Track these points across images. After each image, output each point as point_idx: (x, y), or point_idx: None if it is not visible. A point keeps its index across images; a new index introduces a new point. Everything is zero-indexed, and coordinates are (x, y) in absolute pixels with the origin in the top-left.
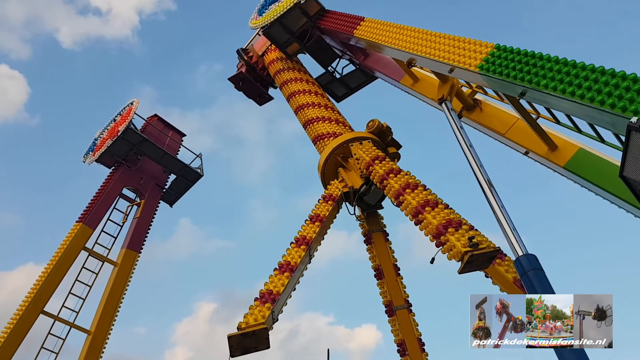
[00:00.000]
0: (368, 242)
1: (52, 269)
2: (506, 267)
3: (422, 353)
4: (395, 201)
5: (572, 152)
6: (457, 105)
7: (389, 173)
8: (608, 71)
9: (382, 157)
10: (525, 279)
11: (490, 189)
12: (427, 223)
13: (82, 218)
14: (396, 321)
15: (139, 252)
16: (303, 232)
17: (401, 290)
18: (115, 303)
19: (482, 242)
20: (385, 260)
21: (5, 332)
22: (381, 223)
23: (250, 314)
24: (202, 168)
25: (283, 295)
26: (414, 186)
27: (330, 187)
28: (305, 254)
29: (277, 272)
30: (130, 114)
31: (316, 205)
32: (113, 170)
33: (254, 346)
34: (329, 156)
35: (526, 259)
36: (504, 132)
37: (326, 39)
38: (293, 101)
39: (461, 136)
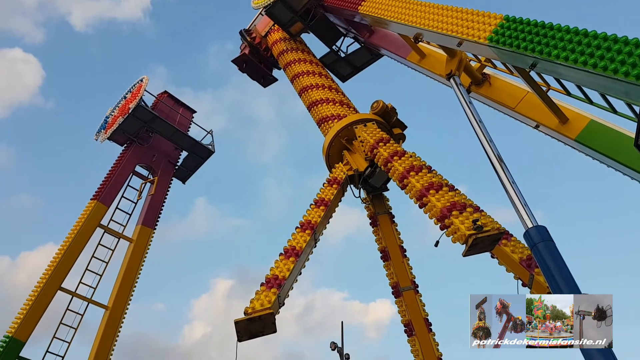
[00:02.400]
0: (374, 225)
1: (69, 246)
2: (512, 248)
3: (429, 333)
4: (400, 184)
5: (583, 124)
6: (466, 81)
7: (394, 155)
8: (621, 39)
9: (386, 140)
10: (535, 251)
11: (500, 164)
12: (432, 206)
13: (97, 195)
14: (403, 302)
15: (153, 229)
16: (308, 217)
17: (407, 272)
18: (132, 279)
19: (487, 224)
20: (392, 242)
21: (24, 308)
22: (387, 205)
23: (257, 299)
24: (213, 145)
25: (289, 280)
26: (419, 169)
27: (335, 170)
28: (310, 238)
29: (283, 257)
30: (141, 91)
31: (321, 189)
32: (125, 147)
33: (261, 331)
34: (333, 139)
35: (536, 231)
36: (514, 106)
37: (330, 17)
38: (297, 83)
39: (470, 112)
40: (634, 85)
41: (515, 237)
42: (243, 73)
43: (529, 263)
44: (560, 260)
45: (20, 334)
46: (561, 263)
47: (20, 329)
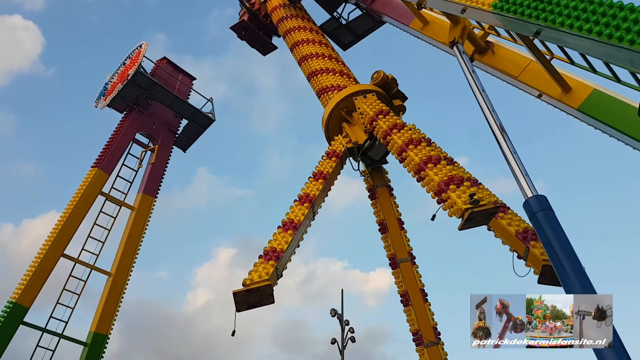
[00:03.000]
0: (372, 197)
1: (70, 213)
2: (508, 221)
3: (425, 303)
4: (399, 157)
5: (586, 93)
6: (469, 49)
7: (393, 128)
8: (627, 6)
9: (386, 112)
10: (534, 221)
11: (502, 134)
12: (429, 180)
13: (97, 163)
14: (400, 273)
15: (155, 197)
16: (306, 190)
17: (405, 244)
18: (134, 246)
19: (483, 198)
20: (390, 215)
21: (28, 274)
22: (386, 178)
23: (255, 270)
24: (213, 113)
25: (287, 253)
26: (417, 142)
27: (334, 143)
28: (308, 211)
29: (281, 229)
30: (139, 57)
31: (319, 162)
32: (125, 115)
33: (259, 301)
34: (332, 111)
35: (535, 200)
36: (517, 75)
37: None
38: (297, 51)
39: (473, 80)
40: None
41: (512, 210)
42: (242, 40)
43: (524, 236)
44: (559, 229)
45: (23, 300)
46: (560, 232)
47: (24, 295)
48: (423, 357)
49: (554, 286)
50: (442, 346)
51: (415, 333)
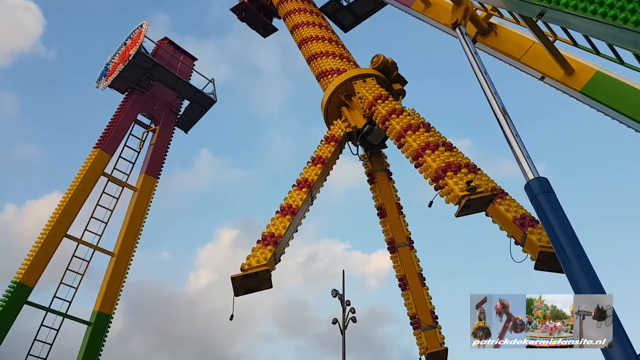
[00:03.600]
0: (371, 182)
1: (73, 194)
2: (506, 207)
3: (423, 287)
4: (397, 143)
5: (589, 75)
6: (471, 31)
7: (391, 113)
8: None
9: (385, 97)
10: (535, 203)
11: (504, 117)
12: (427, 166)
13: (100, 144)
14: (398, 257)
15: (157, 178)
16: (305, 175)
17: (403, 228)
18: (137, 226)
19: (480, 185)
20: (388, 199)
21: (31, 255)
22: (385, 162)
23: (253, 255)
24: (215, 93)
25: (285, 238)
26: (416, 127)
27: (333, 127)
28: (307, 196)
29: (279, 214)
30: (141, 37)
31: (318, 146)
32: (127, 96)
33: (257, 286)
34: (331, 95)
35: (537, 183)
36: (520, 57)
37: None
38: (297, 34)
39: (475, 62)
40: None
41: (510, 196)
42: (242, 22)
43: (522, 222)
44: (561, 211)
45: (27, 280)
46: (561, 215)
47: (28, 274)
48: (420, 341)
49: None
50: (440, 330)
51: (412, 317)
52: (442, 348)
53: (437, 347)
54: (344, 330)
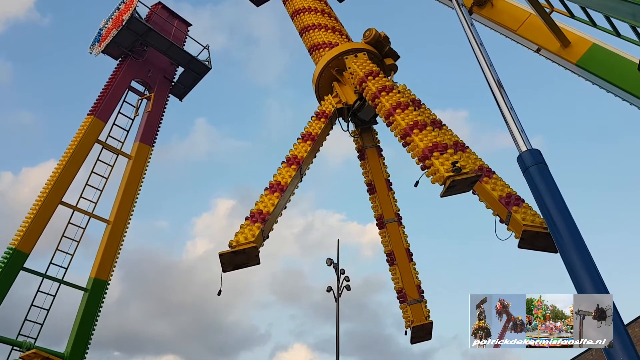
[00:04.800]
0: (361, 158)
1: (67, 161)
2: (492, 185)
3: (410, 262)
4: (386, 121)
5: (585, 47)
6: (468, 2)
7: (381, 91)
8: None
9: (375, 73)
10: (527, 175)
11: (499, 89)
12: (414, 146)
13: (93, 111)
14: (386, 233)
15: (152, 146)
16: (294, 151)
17: (392, 205)
18: (132, 194)
19: (466, 166)
20: (378, 176)
21: (27, 221)
22: (375, 139)
23: (241, 232)
24: (210, 61)
25: (273, 215)
26: (405, 106)
27: (324, 103)
28: (296, 173)
29: (268, 191)
30: (134, 2)
31: (309, 122)
32: (120, 62)
33: (245, 262)
34: (323, 69)
35: (529, 154)
36: (516, 29)
37: None
38: (289, 4)
39: (471, 34)
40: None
41: (496, 175)
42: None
43: (507, 201)
44: (552, 183)
45: (23, 246)
46: (553, 187)
47: (23, 241)
48: (406, 314)
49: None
50: (425, 304)
51: (399, 291)
52: (427, 322)
53: (422, 321)
54: (339, 298)
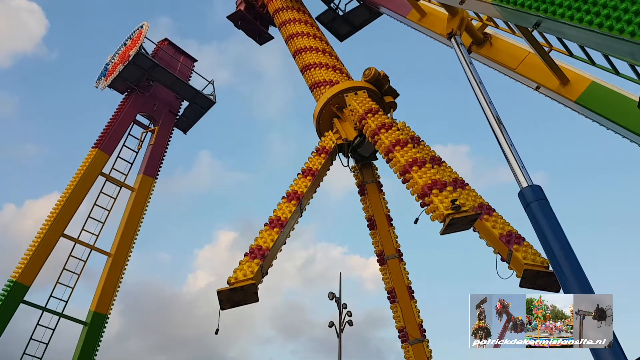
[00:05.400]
0: (362, 193)
1: (71, 193)
2: (493, 223)
3: (412, 300)
4: (385, 157)
5: (584, 86)
6: (467, 40)
7: (381, 128)
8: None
9: (375, 110)
10: (529, 211)
11: (499, 126)
12: (414, 183)
13: (98, 144)
14: (387, 270)
15: (155, 178)
16: (295, 187)
17: (393, 240)
18: (134, 227)
19: (465, 204)
20: (378, 211)
21: (28, 254)
22: (375, 174)
23: (240, 269)
24: (214, 95)
25: (272, 251)
26: (404, 143)
27: (324, 139)
28: (296, 208)
29: (267, 227)
30: (141, 38)
31: (309, 158)
32: (126, 96)
33: (243, 300)
34: (323, 106)
35: (530, 190)
36: (515, 67)
37: None
38: (291, 44)
39: (471, 72)
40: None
41: (497, 212)
42: (239, 30)
43: (508, 239)
44: (554, 219)
45: (24, 279)
46: (554, 222)
47: (24, 273)
48: (408, 354)
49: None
50: (427, 344)
51: (401, 330)
52: None
53: None
54: (341, 333)
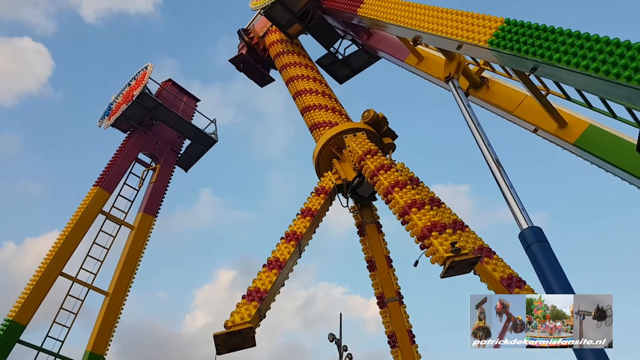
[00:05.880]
0: (361, 234)
1: (70, 232)
2: (493, 266)
3: (412, 345)
4: (384, 199)
5: (582, 128)
6: (464, 84)
7: (380, 169)
8: (623, 43)
9: (374, 151)
10: (529, 253)
11: (498, 168)
12: (413, 224)
13: (99, 182)
14: (387, 313)
15: (155, 216)
16: (293, 227)
17: (393, 283)
18: (132, 266)
19: (465, 247)
20: (378, 252)
21: (25, 292)
22: (375, 215)
23: (237, 312)
24: (216, 134)
25: (270, 293)
26: (403, 184)
27: (324, 179)
28: (294, 249)
29: (266, 268)
30: (145, 79)
31: (308, 198)
32: (129, 135)
33: (240, 344)
34: (323, 147)
35: (530, 232)
36: (512, 110)
37: (328, 19)
38: (292, 86)
39: (469, 115)
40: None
41: (497, 255)
42: (240, 72)
43: (509, 283)
44: (555, 261)
45: (20, 318)
46: (555, 264)
47: (21, 312)
48: None
49: None
50: None
51: None
52: None
53: None
54: None
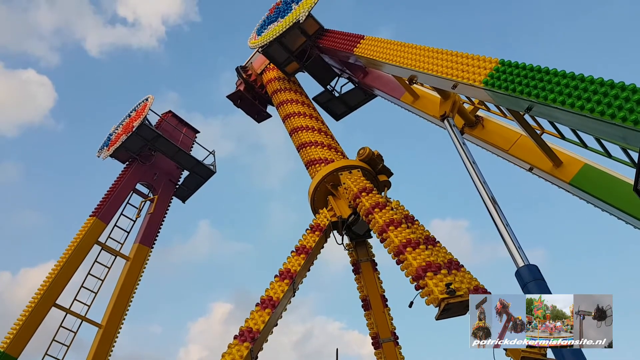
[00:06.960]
0: (356, 272)
1: (65, 262)
2: None
3: None
4: (379, 237)
5: (577, 167)
6: (459, 122)
7: (375, 207)
8: (618, 84)
9: (369, 189)
10: (526, 291)
11: (494, 205)
12: (408, 264)
13: (96, 212)
14: (382, 354)
15: (151, 248)
16: (288, 265)
17: (388, 323)
18: (126, 297)
19: (460, 288)
20: (373, 291)
21: (18, 324)
22: (370, 252)
23: (229, 353)
24: (215, 165)
25: (263, 333)
26: (398, 223)
27: (319, 216)
28: (288, 288)
29: (259, 307)
30: (145, 110)
31: (303, 235)
32: (127, 165)
33: None
34: (318, 184)
35: (527, 270)
36: (507, 149)
37: (325, 58)
38: (288, 123)
39: (464, 153)
40: (632, 130)
41: None
42: (238, 108)
43: None
44: None
45: (12, 350)
46: None
47: (13, 344)
48: None
49: None
50: None
51: None
52: None
53: None
54: None
